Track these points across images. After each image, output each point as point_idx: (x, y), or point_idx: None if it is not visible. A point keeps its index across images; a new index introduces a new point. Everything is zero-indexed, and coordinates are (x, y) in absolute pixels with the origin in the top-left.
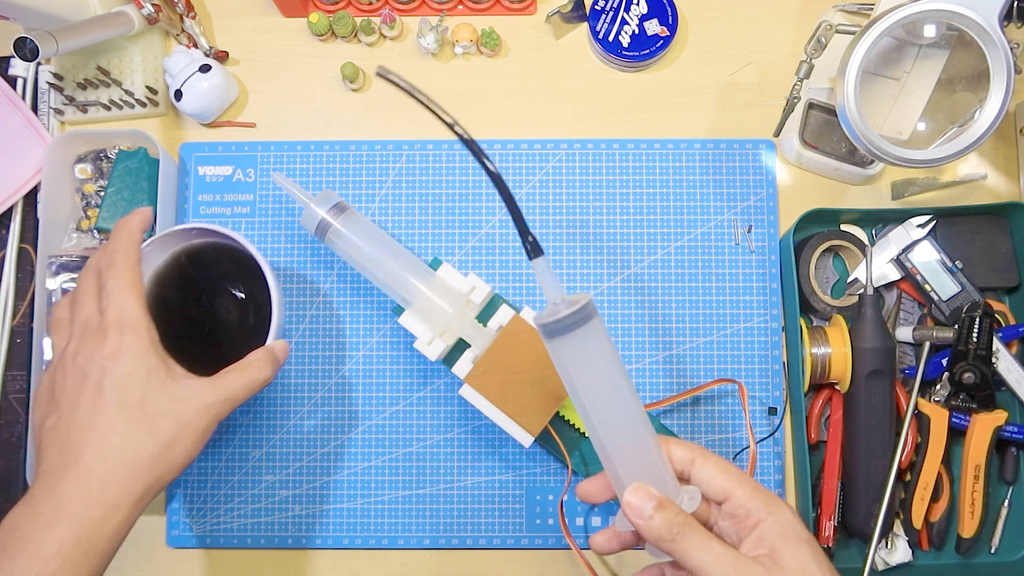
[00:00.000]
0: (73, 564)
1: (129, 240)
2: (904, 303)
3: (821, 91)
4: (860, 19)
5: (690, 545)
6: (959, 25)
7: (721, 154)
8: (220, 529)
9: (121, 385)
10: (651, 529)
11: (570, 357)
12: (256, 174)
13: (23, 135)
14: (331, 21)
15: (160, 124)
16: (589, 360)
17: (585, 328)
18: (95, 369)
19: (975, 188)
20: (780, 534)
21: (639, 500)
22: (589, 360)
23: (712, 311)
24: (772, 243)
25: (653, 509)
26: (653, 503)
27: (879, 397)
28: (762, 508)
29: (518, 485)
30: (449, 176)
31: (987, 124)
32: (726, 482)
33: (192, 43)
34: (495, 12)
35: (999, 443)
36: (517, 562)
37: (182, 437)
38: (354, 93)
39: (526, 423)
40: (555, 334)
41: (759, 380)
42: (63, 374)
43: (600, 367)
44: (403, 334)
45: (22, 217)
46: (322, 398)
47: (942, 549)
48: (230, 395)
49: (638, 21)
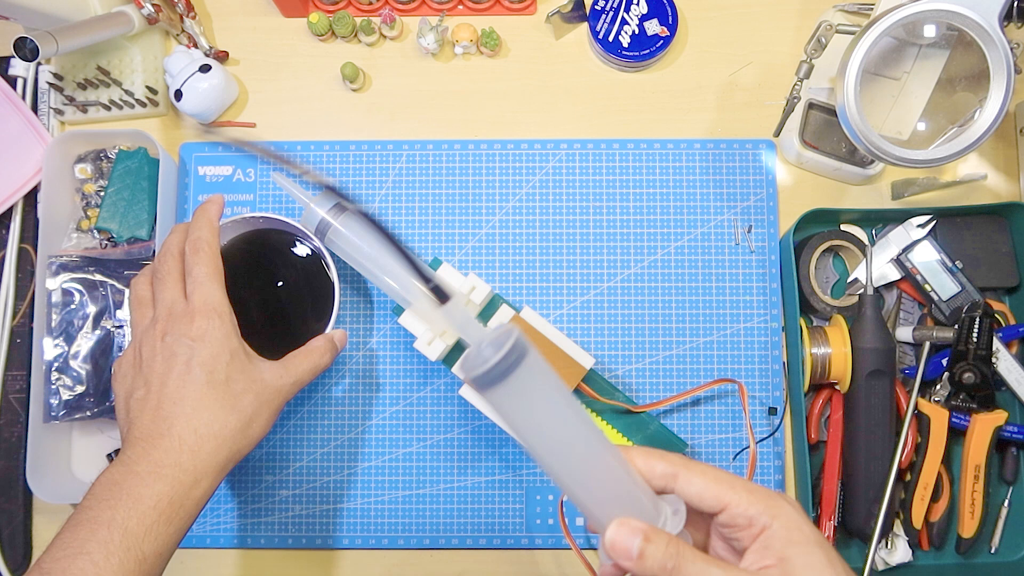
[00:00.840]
0: (166, 520)
1: (211, 229)
2: (904, 303)
3: (821, 91)
4: (860, 19)
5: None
6: (959, 25)
7: (721, 154)
8: (220, 529)
9: (208, 364)
10: (644, 569)
11: (512, 405)
12: (256, 174)
13: (23, 135)
14: (331, 21)
15: (160, 124)
16: (533, 403)
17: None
18: (183, 349)
19: (975, 188)
20: (787, 539)
21: (623, 539)
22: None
23: (712, 311)
24: (772, 243)
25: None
26: (639, 539)
27: (879, 397)
28: (764, 513)
29: (518, 485)
30: (449, 176)
31: (987, 124)
32: (718, 491)
33: (192, 43)
34: (495, 12)
35: (999, 443)
36: (517, 562)
37: (260, 414)
38: (354, 93)
39: None
40: (489, 384)
41: (759, 380)
42: (151, 352)
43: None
44: (403, 334)
45: (22, 217)
46: (322, 398)
47: (942, 549)
48: (298, 378)
49: (638, 21)
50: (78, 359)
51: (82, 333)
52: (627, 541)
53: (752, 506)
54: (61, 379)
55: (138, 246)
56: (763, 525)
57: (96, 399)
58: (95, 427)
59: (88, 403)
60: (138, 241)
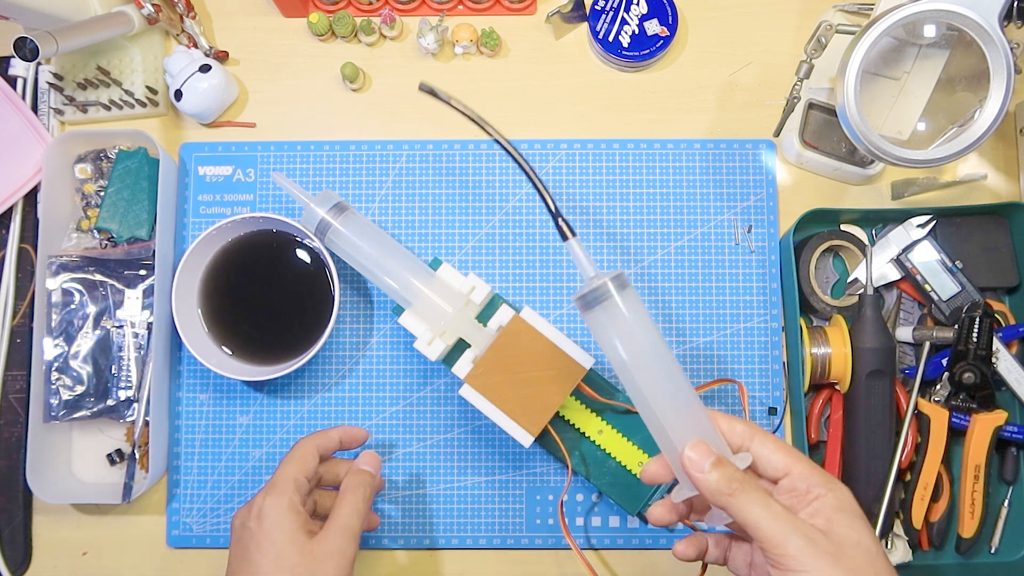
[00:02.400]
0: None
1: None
2: (904, 303)
3: (821, 91)
4: (860, 19)
5: (749, 501)
6: (959, 25)
7: (721, 154)
8: (220, 529)
9: None
10: (709, 483)
11: (609, 322)
12: (256, 174)
13: (23, 135)
14: (331, 21)
15: (160, 124)
16: (628, 324)
17: (622, 295)
18: None
19: (975, 188)
20: (837, 507)
21: (698, 454)
22: (628, 324)
23: (712, 311)
24: (772, 243)
25: (712, 465)
26: (712, 459)
27: (879, 397)
28: (821, 484)
29: (518, 485)
30: (449, 176)
31: (987, 124)
32: (785, 458)
33: (192, 43)
34: (495, 12)
35: (999, 443)
36: (517, 562)
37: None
38: (354, 93)
39: (526, 423)
40: (593, 304)
41: (759, 380)
42: None
43: (640, 329)
44: (403, 334)
45: (22, 217)
46: (322, 398)
47: (942, 549)
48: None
49: (638, 21)
50: (78, 359)
51: (82, 333)
52: (701, 457)
53: (812, 477)
54: (61, 379)
55: (138, 246)
56: (818, 494)
57: (96, 399)
58: (95, 427)
59: (88, 403)
60: (138, 241)
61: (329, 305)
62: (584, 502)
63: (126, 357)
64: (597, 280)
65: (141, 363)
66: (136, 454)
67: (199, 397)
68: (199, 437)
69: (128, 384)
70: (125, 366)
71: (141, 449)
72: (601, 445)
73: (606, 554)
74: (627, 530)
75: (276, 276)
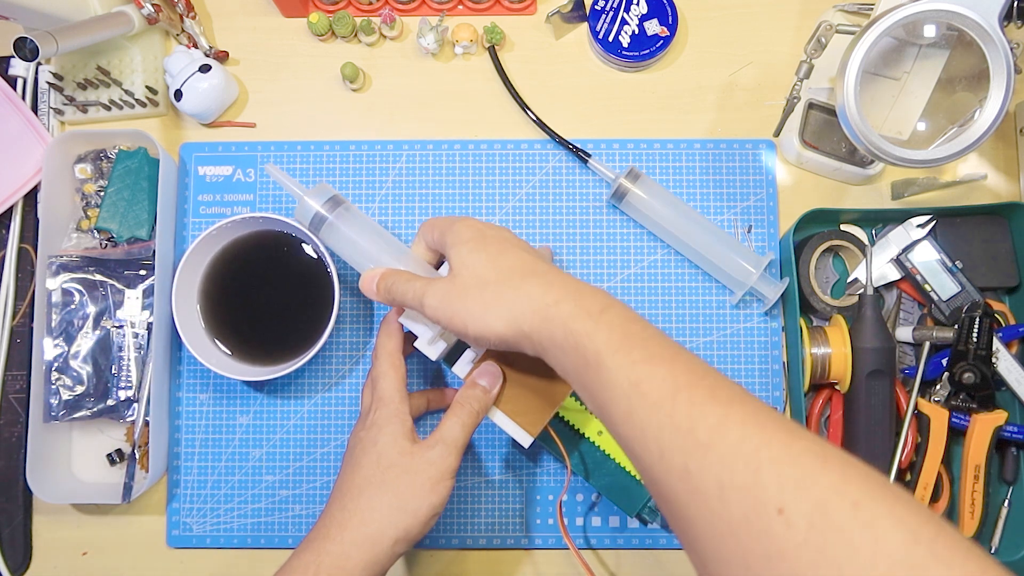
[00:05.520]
0: None
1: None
2: (904, 303)
3: (821, 91)
4: (860, 19)
5: (397, 289)
6: (959, 25)
7: (721, 154)
8: (220, 529)
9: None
10: (378, 297)
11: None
12: (256, 174)
13: (23, 135)
14: (331, 21)
15: (160, 124)
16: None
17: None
18: None
19: (975, 188)
20: (449, 245)
21: (368, 278)
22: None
23: (712, 311)
24: (772, 243)
25: (377, 282)
26: (376, 279)
27: (879, 397)
28: (446, 233)
29: (518, 485)
30: (449, 176)
31: (987, 124)
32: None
33: (192, 43)
34: (495, 12)
35: (999, 443)
36: (517, 562)
37: None
38: (354, 93)
39: (526, 423)
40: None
41: (759, 380)
42: None
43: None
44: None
45: (22, 217)
46: (322, 398)
47: None
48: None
49: (638, 21)
50: (78, 359)
51: (82, 333)
52: (369, 282)
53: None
54: (61, 379)
55: (138, 246)
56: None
57: (96, 399)
58: (95, 427)
59: (88, 403)
60: (138, 241)
61: (329, 305)
62: (584, 502)
63: (126, 357)
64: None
65: (141, 363)
66: (136, 454)
67: (199, 397)
68: (199, 437)
69: (128, 384)
70: (125, 366)
71: (141, 449)
72: (600, 446)
73: (606, 554)
74: (627, 530)
75: (276, 276)
